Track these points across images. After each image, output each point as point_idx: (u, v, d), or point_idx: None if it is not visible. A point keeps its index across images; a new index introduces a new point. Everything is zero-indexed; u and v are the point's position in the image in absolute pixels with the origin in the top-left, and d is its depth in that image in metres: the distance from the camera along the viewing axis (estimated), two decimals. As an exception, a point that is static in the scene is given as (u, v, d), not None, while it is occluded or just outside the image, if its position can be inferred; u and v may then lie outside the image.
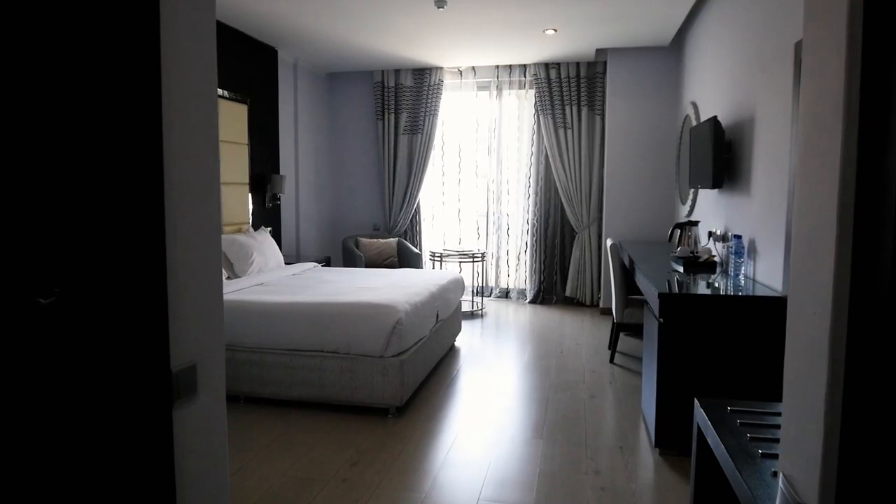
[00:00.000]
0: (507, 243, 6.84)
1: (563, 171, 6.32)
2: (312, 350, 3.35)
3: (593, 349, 4.73)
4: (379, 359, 3.25)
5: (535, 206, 6.55)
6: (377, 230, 7.11)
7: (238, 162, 5.13)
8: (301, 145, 6.40)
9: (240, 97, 5.11)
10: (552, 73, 6.26)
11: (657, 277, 3.25)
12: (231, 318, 3.46)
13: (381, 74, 6.76)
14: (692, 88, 4.98)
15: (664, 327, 2.73)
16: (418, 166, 6.74)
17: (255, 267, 4.63)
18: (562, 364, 4.32)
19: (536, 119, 6.43)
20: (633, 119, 5.82)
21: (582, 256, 6.39)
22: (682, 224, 3.92)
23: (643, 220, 5.87)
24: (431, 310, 3.83)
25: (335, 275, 4.60)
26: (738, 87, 3.55)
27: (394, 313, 3.24)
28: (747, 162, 3.30)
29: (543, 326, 5.54)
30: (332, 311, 3.32)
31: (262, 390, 3.45)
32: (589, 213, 6.34)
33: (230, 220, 5.01)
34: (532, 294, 6.63)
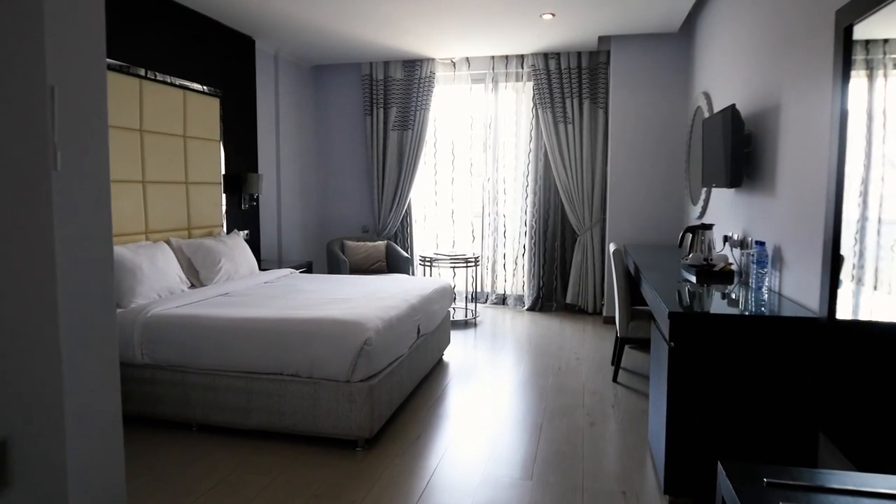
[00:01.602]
0: (503, 246, 6.41)
1: (563, 169, 5.88)
2: (271, 373, 2.94)
3: (595, 365, 4.29)
4: (345, 384, 2.82)
5: (534, 207, 6.11)
6: (366, 232, 6.70)
7: (209, 160, 4.71)
8: (283, 142, 5.98)
9: (211, 90, 4.69)
10: (551, 63, 5.83)
11: (666, 289, 2.82)
12: (181, 334, 3.05)
13: (370, 67, 6.34)
14: (704, 77, 4.53)
15: (675, 352, 2.30)
16: (409, 164, 6.32)
17: (223, 274, 4.21)
18: (560, 383, 3.89)
19: (535, 113, 6.00)
20: (638, 112, 5.38)
21: (584, 261, 5.95)
22: (693, 228, 3.49)
23: (650, 222, 5.43)
24: (411, 324, 3.40)
25: (309, 283, 4.18)
26: (760, 70, 3.11)
27: (361, 332, 2.81)
28: (771, 156, 2.86)
29: (541, 337, 5.10)
30: (291, 329, 2.90)
31: (217, 417, 3.04)
32: (591, 215, 5.90)
33: (200, 223, 4.60)
34: (530, 301, 6.19)
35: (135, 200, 3.94)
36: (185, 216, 4.44)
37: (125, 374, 3.14)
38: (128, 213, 3.88)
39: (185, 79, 4.39)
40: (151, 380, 3.11)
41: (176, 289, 3.75)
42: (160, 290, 3.61)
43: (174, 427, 3.13)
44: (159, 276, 3.63)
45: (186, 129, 4.42)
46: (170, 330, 3.06)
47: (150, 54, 4.08)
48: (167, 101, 4.21)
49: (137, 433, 3.06)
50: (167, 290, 3.67)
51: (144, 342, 3.09)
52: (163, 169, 4.19)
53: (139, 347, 3.08)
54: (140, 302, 3.40)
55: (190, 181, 4.47)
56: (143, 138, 4.00)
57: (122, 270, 3.40)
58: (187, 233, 4.46)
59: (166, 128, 4.21)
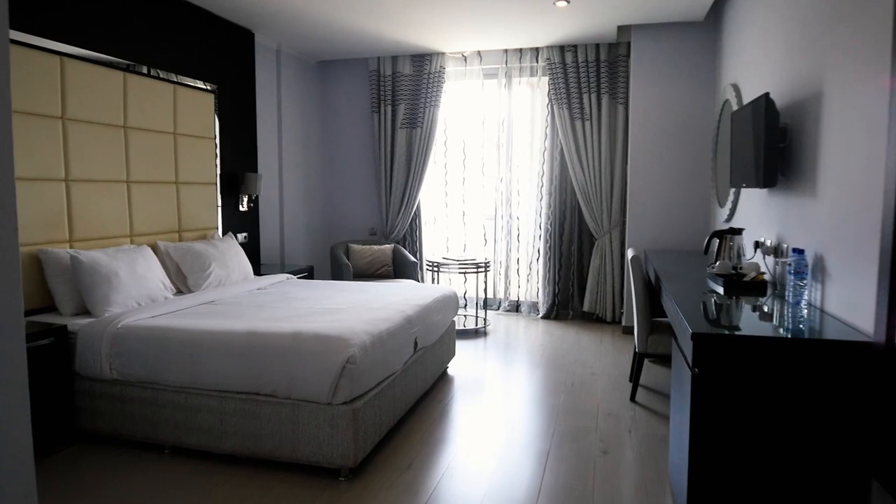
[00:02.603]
0: (517, 250, 6.07)
1: (580, 168, 5.53)
2: (245, 392, 2.66)
3: (611, 381, 3.94)
4: (326, 406, 2.53)
5: (549, 209, 5.77)
6: (374, 235, 6.42)
7: (203, 159, 4.48)
8: (286, 141, 5.74)
9: (205, 85, 4.46)
10: (568, 56, 5.48)
11: (689, 302, 2.47)
12: (151, 347, 2.79)
13: (377, 62, 6.06)
14: (733, 68, 4.15)
15: (700, 380, 1.95)
16: (418, 164, 6.03)
17: (212, 280, 3.96)
18: (572, 402, 3.55)
19: (550, 110, 5.66)
20: (661, 107, 5.00)
21: (602, 266, 5.59)
22: (721, 232, 3.13)
23: (673, 225, 5.05)
24: (406, 338, 3.10)
25: (303, 290, 3.91)
26: (798, 55, 2.74)
27: (343, 348, 2.51)
28: (811, 151, 2.50)
29: (555, 349, 4.76)
30: (268, 344, 2.62)
31: (189, 440, 2.77)
32: (610, 217, 5.53)
33: (192, 226, 4.36)
34: (545, 308, 5.84)
35: (118, 201, 3.71)
36: (175, 218, 4.20)
37: (93, 389, 2.90)
38: (110, 214, 3.65)
39: (175, 73, 4.16)
40: (120, 397, 2.86)
41: (159, 296, 3.50)
42: (139, 297, 3.36)
43: (146, 449, 2.87)
44: (139, 282, 3.38)
45: (177, 125, 4.18)
46: (139, 342, 2.81)
47: (137, 47, 3.85)
48: (155, 97, 3.98)
49: (105, 455, 2.81)
50: (148, 297, 3.43)
51: (113, 355, 2.84)
52: (150, 168, 3.95)
53: (107, 361, 2.83)
54: (115, 311, 3.16)
55: (181, 181, 4.24)
56: (128, 135, 3.77)
57: (96, 276, 3.16)
58: (178, 236, 4.23)
59: (154, 125, 3.98)
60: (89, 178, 3.51)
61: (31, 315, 3.14)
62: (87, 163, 3.48)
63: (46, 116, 3.24)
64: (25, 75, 3.11)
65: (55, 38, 3.27)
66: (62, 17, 3.34)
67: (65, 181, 3.36)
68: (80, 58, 3.43)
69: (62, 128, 3.34)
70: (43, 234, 3.25)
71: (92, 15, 3.53)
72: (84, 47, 3.45)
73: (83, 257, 3.18)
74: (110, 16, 3.66)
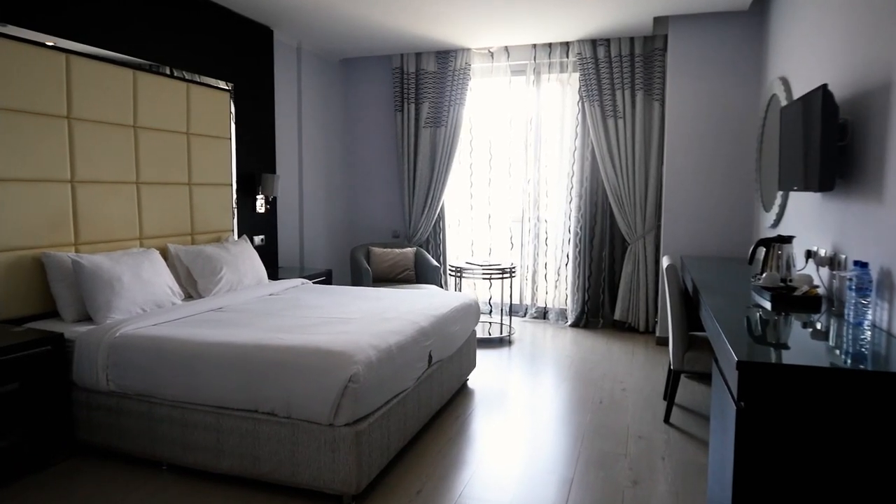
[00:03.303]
0: (545, 255, 5.80)
1: (612, 169, 5.23)
2: (244, 409, 2.47)
3: (643, 398, 3.65)
4: (327, 428, 2.33)
5: (579, 212, 5.48)
6: (396, 237, 6.23)
7: (218, 159, 4.34)
8: (306, 141, 5.58)
9: (220, 84, 4.32)
10: (600, 51, 5.19)
11: (732, 319, 2.19)
12: (147, 358, 2.63)
13: (401, 59, 5.87)
14: (782, 60, 3.82)
15: (746, 416, 1.68)
16: (442, 164, 5.81)
17: (223, 285, 3.82)
18: (600, 422, 3.28)
19: (581, 107, 5.37)
20: (700, 104, 4.67)
21: (635, 272, 5.27)
22: (768, 240, 2.82)
23: (712, 230, 4.71)
24: (419, 352, 2.88)
25: (316, 297, 3.73)
26: (860, 42, 2.43)
27: (346, 365, 2.31)
28: (877, 150, 2.19)
29: (584, 360, 4.48)
30: (267, 359, 2.43)
31: (185, 458, 2.60)
32: (644, 221, 5.22)
33: (205, 228, 4.23)
34: (574, 316, 5.56)
35: (126, 203, 3.59)
36: (187, 221, 4.07)
37: (90, 400, 2.77)
38: (118, 216, 3.53)
39: (189, 71, 4.03)
40: (117, 409, 2.71)
41: (165, 302, 3.36)
42: (144, 303, 3.22)
43: (144, 465, 2.72)
44: (144, 287, 3.24)
45: (190, 125, 4.05)
46: (136, 353, 2.66)
47: (147, 44, 3.73)
48: (167, 96, 3.85)
49: (102, 470, 2.66)
50: (154, 303, 3.29)
51: (110, 366, 2.69)
52: (162, 169, 3.83)
53: (104, 371, 2.69)
54: (117, 317, 3.02)
55: (194, 182, 4.11)
56: (138, 135, 3.65)
57: (97, 282, 3.03)
58: (191, 239, 4.10)
59: (166, 124, 3.85)
60: (96, 180, 3.39)
61: (33, 321, 3.03)
62: (93, 163, 3.36)
63: (51, 116, 3.13)
64: (28, 73, 3.00)
65: (59, 35, 3.16)
66: (67, 14, 3.22)
67: (70, 182, 3.25)
68: (87, 55, 3.31)
69: (68, 127, 3.22)
70: (47, 236, 3.14)
71: (99, 11, 3.42)
72: (91, 44, 3.33)
73: (85, 261, 3.05)
74: (118, 12, 3.54)
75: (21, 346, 2.56)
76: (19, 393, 2.55)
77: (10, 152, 2.94)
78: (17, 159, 2.97)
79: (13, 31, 2.93)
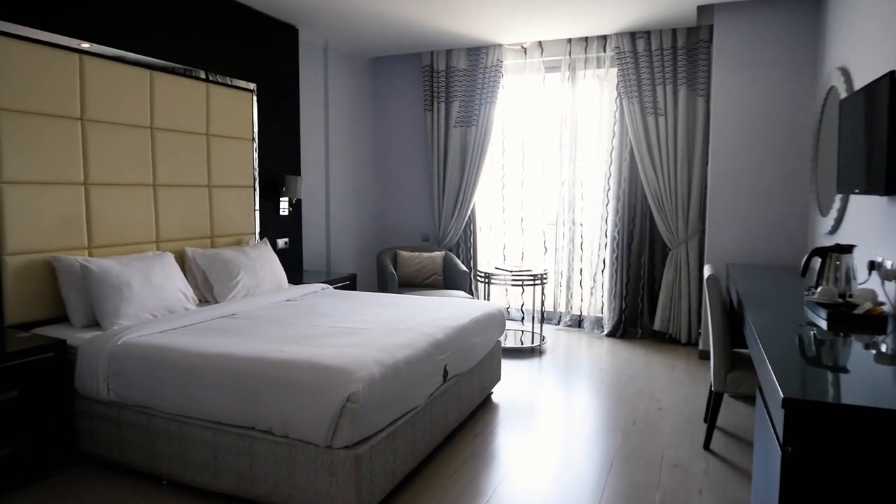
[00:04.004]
0: (580, 260, 5.52)
1: (652, 170, 4.91)
2: (241, 426, 2.33)
3: (682, 420, 3.35)
4: (325, 449, 2.15)
5: (617, 215, 5.18)
6: (426, 241, 6.05)
7: (239, 161, 4.25)
8: (333, 142, 5.47)
9: (242, 84, 4.23)
10: (640, 44, 4.88)
11: (780, 342, 1.91)
12: (147, 368, 2.52)
13: (430, 56, 5.69)
14: (841, 48, 3.46)
15: (793, 463, 1.42)
16: (472, 165, 5.60)
17: (240, 290, 3.71)
18: (632, 446, 3.00)
19: (619, 104, 5.07)
20: (748, 99, 4.32)
21: (676, 280, 4.94)
22: (824, 249, 2.51)
23: (761, 235, 4.34)
24: (431, 367, 2.68)
25: (334, 303, 3.58)
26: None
27: (344, 383, 2.13)
28: (956, 148, 1.87)
29: (619, 374, 4.19)
30: (264, 373, 2.28)
31: (183, 474, 2.48)
32: (687, 225, 4.88)
33: (226, 231, 4.15)
34: (610, 325, 5.26)
35: (142, 206, 3.52)
36: (206, 223, 3.99)
37: (91, 410, 2.68)
38: (133, 219, 3.46)
39: (209, 71, 3.95)
40: (117, 420, 2.61)
41: (177, 307, 3.27)
42: (155, 309, 3.13)
43: (142, 479, 2.61)
44: (154, 292, 3.15)
45: (210, 126, 3.97)
46: (136, 362, 2.55)
47: (165, 44, 3.65)
48: (185, 96, 3.77)
49: (102, 482, 2.57)
50: (165, 308, 3.20)
51: (111, 374, 2.59)
52: (180, 171, 3.75)
53: (104, 380, 2.59)
54: (125, 323, 2.93)
55: (214, 184, 4.02)
56: (155, 137, 3.58)
57: (105, 287, 2.95)
58: (210, 242, 4.02)
59: (185, 125, 3.77)
60: (110, 182, 3.32)
61: (43, 326, 2.97)
62: (108, 165, 3.30)
63: (64, 117, 3.07)
64: (40, 75, 2.94)
65: (73, 35, 3.10)
66: (80, 14, 3.16)
67: (83, 185, 3.19)
68: (101, 56, 3.25)
69: (81, 129, 3.16)
70: (60, 240, 3.08)
71: (114, 11, 3.35)
72: (105, 45, 3.27)
73: (93, 265, 2.97)
74: (134, 12, 3.47)
75: (22, 353, 2.49)
76: (19, 401, 2.47)
77: (22, 154, 2.88)
78: (29, 161, 2.92)
79: (24, 32, 2.87)
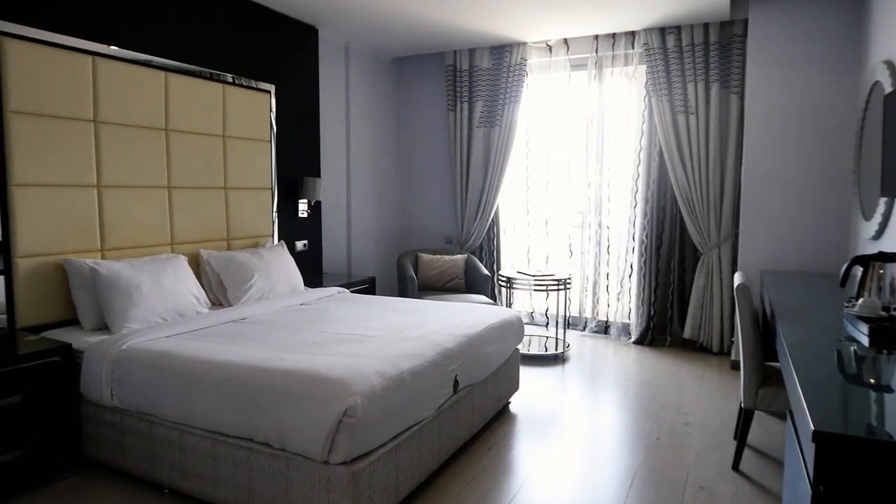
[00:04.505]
0: (606, 264, 5.33)
1: (682, 171, 4.70)
2: (239, 437, 2.25)
3: (709, 436, 3.16)
4: (322, 465, 2.06)
5: (645, 218, 4.98)
6: (449, 243, 5.94)
7: (257, 162, 4.21)
8: (354, 143, 5.40)
9: (259, 85, 4.19)
10: (670, 40, 4.68)
11: (814, 362, 1.73)
12: (148, 374, 2.48)
13: (454, 56, 5.58)
14: (886, 40, 3.21)
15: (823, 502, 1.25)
16: (496, 166, 5.47)
17: (253, 293, 3.66)
18: (654, 464, 2.83)
19: (648, 103, 4.88)
20: (785, 96, 4.08)
21: (708, 286, 4.72)
22: (866, 258, 2.30)
23: (799, 240, 4.10)
24: (440, 378, 2.56)
25: (346, 308, 3.50)
26: None
27: (341, 396, 2.03)
28: None
29: (645, 384, 4.01)
30: (262, 383, 2.20)
31: (182, 483, 2.42)
32: (719, 229, 4.65)
33: (242, 234, 4.11)
34: (638, 332, 5.06)
35: (156, 208, 3.50)
36: (223, 226, 3.96)
37: (96, 415, 2.65)
38: (147, 222, 3.44)
39: (225, 72, 3.92)
40: (120, 426, 2.57)
41: (189, 311, 3.23)
42: (165, 312, 3.09)
43: (145, 487, 2.56)
44: (164, 296, 3.12)
45: (226, 128, 3.94)
46: (138, 368, 2.51)
47: (181, 46, 3.63)
48: (201, 98, 3.74)
49: (105, 489, 2.53)
50: (176, 312, 3.16)
51: (114, 380, 2.56)
52: (195, 173, 3.73)
53: (108, 386, 2.56)
54: (133, 327, 2.90)
55: (230, 186, 3.99)
56: (169, 138, 3.56)
57: (115, 290, 2.92)
58: (226, 244, 3.98)
59: (200, 127, 3.74)
60: (124, 184, 3.31)
61: (54, 328, 2.96)
62: (121, 168, 3.28)
63: (76, 119, 3.06)
64: (52, 77, 2.93)
65: (85, 37, 3.09)
66: (93, 16, 3.15)
67: (96, 187, 3.18)
68: (115, 57, 3.23)
69: (94, 131, 3.15)
70: (72, 242, 3.07)
71: (129, 13, 3.33)
72: (119, 46, 3.25)
73: (102, 268, 2.95)
74: (151, 14, 3.45)
75: (27, 357, 2.47)
76: (23, 405, 2.45)
77: (34, 157, 2.88)
78: (41, 164, 2.91)
79: (36, 34, 2.87)
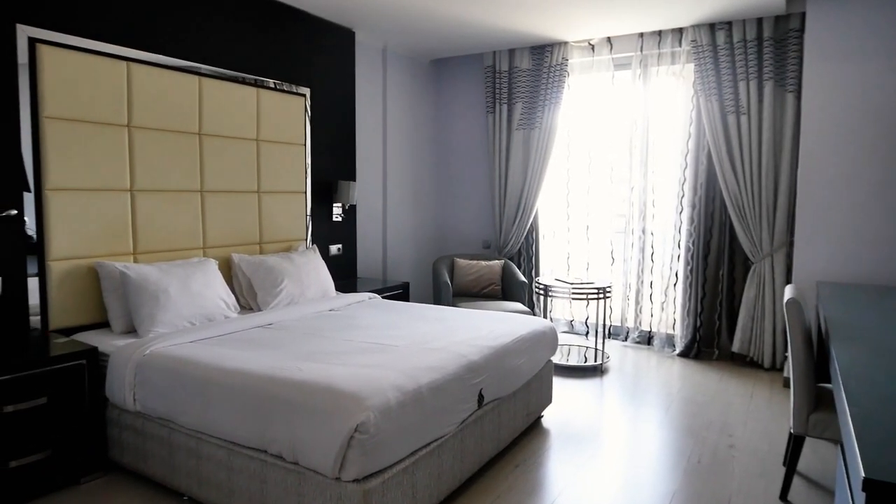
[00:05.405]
0: (650, 272, 5.10)
1: (733, 175, 4.44)
2: (253, 448, 2.20)
3: (756, 461, 2.93)
4: (333, 481, 1.98)
5: (692, 224, 4.74)
6: (487, 248, 5.82)
7: (291, 166, 4.21)
8: (391, 146, 5.36)
9: (294, 88, 4.19)
10: (719, 36, 4.43)
11: (870, 387, 1.53)
12: (168, 380, 2.47)
13: (493, 57, 5.46)
14: (962, 32, 2.92)
15: (877, 562, 1.08)
16: (535, 169, 5.32)
17: (283, 297, 3.64)
18: (693, 490, 2.64)
19: (696, 103, 4.63)
20: (846, 95, 3.79)
21: (759, 297, 4.44)
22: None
23: (859, 251, 3.80)
24: (463, 391, 2.45)
25: (375, 315, 3.43)
26: None
27: (353, 411, 1.94)
28: None
29: (688, 400, 3.79)
30: (275, 394, 2.14)
31: (199, 492, 2.39)
32: (772, 237, 4.37)
33: (275, 237, 4.11)
34: (683, 344, 4.81)
35: (189, 212, 3.52)
36: (255, 230, 3.96)
37: (119, 418, 2.66)
38: (179, 225, 3.47)
39: (259, 76, 3.92)
40: (141, 430, 2.57)
41: (217, 315, 3.23)
42: (193, 316, 3.10)
43: (165, 493, 2.55)
44: (193, 300, 3.12)
45: (260, 132, 3.94)
46: (159, 373, 2.50)
47: (215, 51, 3.64)
48: (235, 102, 3.75)
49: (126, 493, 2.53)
50: (204, 317, 3.16)
51: (137, 384, 2.56)
52: (228, 177, 3.74)
53: (130, 390, 2.56)
54: (161, 331, 2.91)
55: (263, 190, 3.99)
56: (203, 143, 3.58)
57: (143, 294, 2.94)
58: (259, 248, 3.99)
59: (234, 131, 3.76)
60: (157, 188, 3.34)
61: (86, 331, 3.00)
62: (154, 172, 3.31)
63: (111, 125, 3.10)
64: (87, 83, 2.98)
65: (120, 44, 3.13)
66: (127, 22, 3.19)
67: (129, 191, 3.22)
68: (149, 63, 3.27)
69: (128, 136, 3.19)
70: (105, 246, 3.11)
71: (163, 17, 3.37)
72: (153, 52, 3.29)
73: (132, 272, 2.97)
74: (184, 18, 3.48)
75: (54, 360, 2.49)
76: (49, 407, 2.48)
77: (68, 161, 2.93)
78: (75, 168, 2.96)
79: (71, 41, 2.92)
